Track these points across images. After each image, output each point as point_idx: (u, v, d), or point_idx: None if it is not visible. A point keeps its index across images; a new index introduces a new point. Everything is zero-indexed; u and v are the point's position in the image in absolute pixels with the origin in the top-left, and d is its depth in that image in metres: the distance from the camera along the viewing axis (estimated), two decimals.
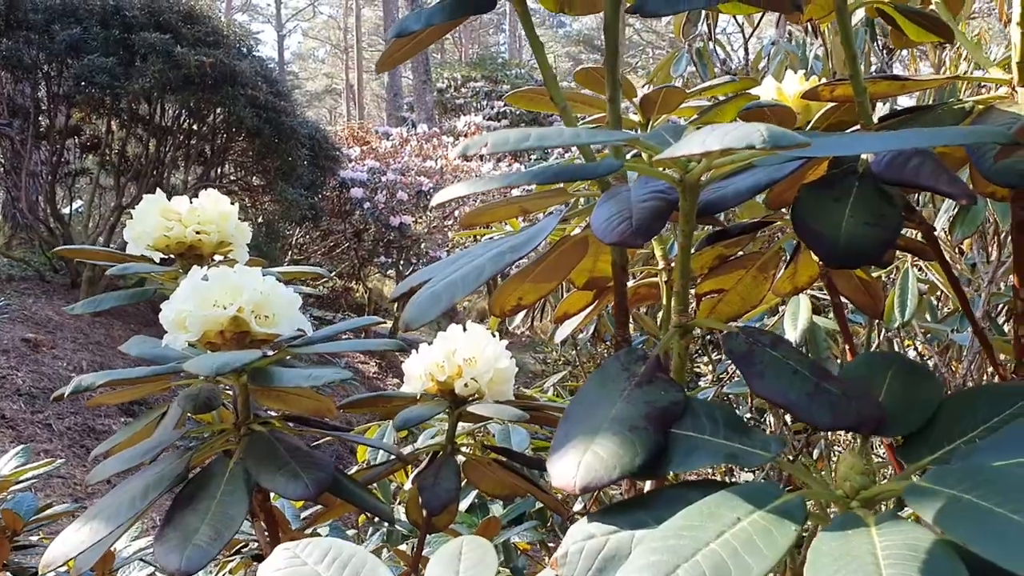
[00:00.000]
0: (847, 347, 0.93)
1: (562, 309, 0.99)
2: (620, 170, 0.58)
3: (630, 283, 1.01)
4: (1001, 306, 2.20)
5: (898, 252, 1.59)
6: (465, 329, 1.10)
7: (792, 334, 1.35)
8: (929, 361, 1.91)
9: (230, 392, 0.99)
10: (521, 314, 1.08)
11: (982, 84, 0.92)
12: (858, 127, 0.85)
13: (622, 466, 0.50)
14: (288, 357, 0.99)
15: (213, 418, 1.04)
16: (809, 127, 0.94)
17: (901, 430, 0.54)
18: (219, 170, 8.21)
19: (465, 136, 10.61)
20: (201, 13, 7.32)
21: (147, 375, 0.87)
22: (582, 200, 0.90)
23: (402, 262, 9.36)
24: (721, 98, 1.02)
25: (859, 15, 2.11)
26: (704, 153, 0.41)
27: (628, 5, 0.71)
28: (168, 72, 6.60)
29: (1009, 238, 1.88)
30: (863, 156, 0.71)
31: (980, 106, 0.75)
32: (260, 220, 8.51)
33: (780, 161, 0.62)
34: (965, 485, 0.43)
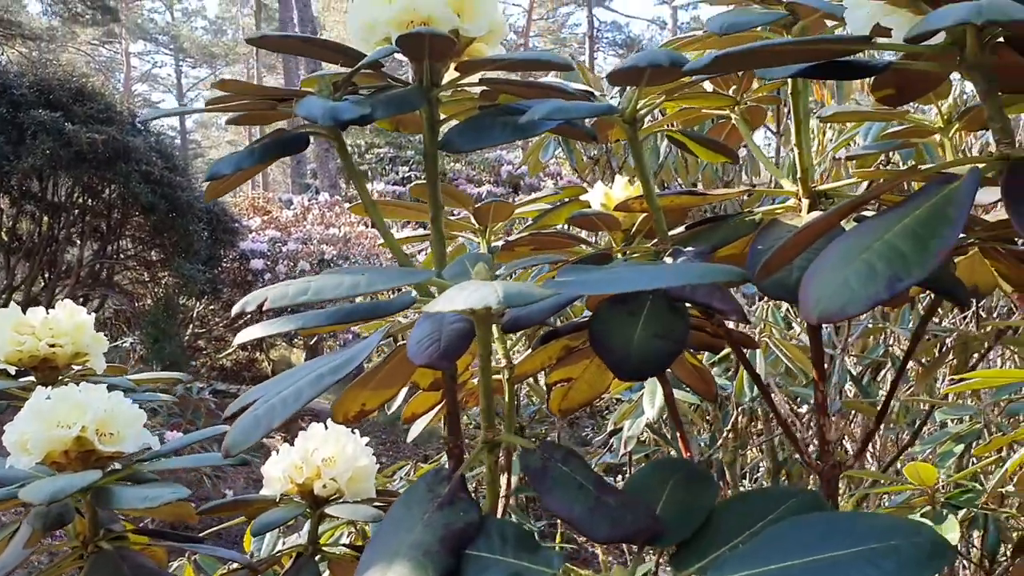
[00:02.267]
0: (679, 434, 0.98)
1: (410, 410, 1.03)
2: (413, 305, 0.63)
3: (475, 379, 1.05)
4: (864, 368, 2.33)
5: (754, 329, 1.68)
6: (327, 427, 1.12)
7: (650, 411, 1.41)
8: (801, 422, 2.00)
9: None
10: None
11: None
12: (680, 229, 0.92)
13: None
14: (147, 470, 0.99)
15: (70, 531, 1.04)
16: (634, 229, 1.01)
17: (675, 539, 0.59)
18: (116, 246, 8.05)
19: None
20: (93, 90, 7.23)
21: None
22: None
23: None
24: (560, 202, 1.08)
25: None
26: (451, 310, 0.46)
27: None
28: (59, 150, 6.49)
29: None
30: None
31: (768, 217, 0.82)
32: (159, 295, 8.35)
33: None
34: None
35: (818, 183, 0.96)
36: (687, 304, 0.73)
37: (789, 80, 0.78)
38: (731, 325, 1.01)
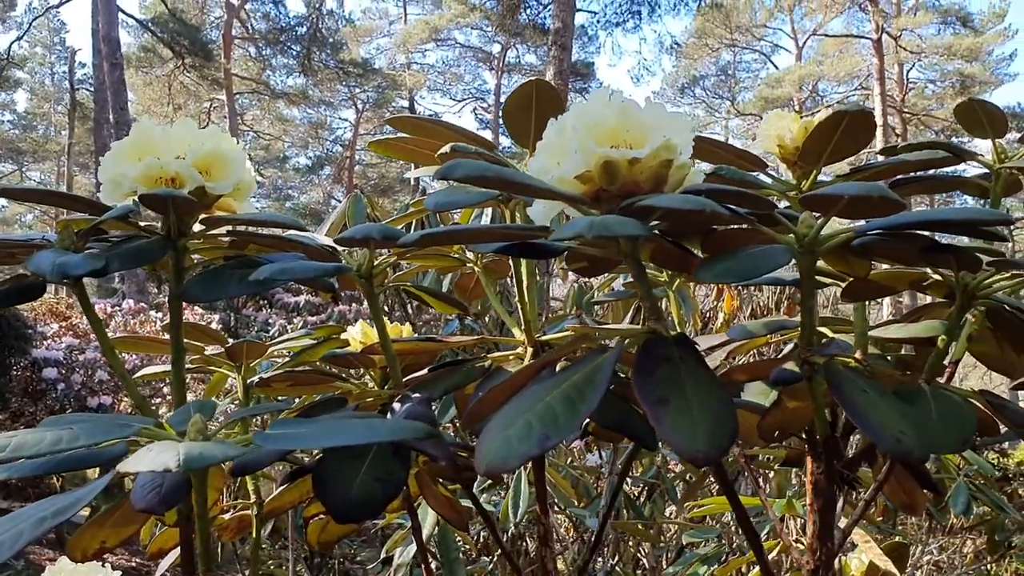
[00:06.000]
0: (423, 566, 1.03)
1: (155, 546, 1.03)
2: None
3: (229, 514, 1.07)
4: (641, 488, 2.45)
5: None
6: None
7: (426, 531, 1.46)
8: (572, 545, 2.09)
9: None
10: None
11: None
12: (423, 372, 0.99)
13: None
14: None
15: None
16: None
17: None
18: None
19: None
20: None
21: None
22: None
23: None
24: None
25: None
26: (135, 472, 0.50)
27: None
28: None
29: None
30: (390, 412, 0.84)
31: (496, 364, 0.90)
32: None
33: None
34: None
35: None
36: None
37: None
38: None
